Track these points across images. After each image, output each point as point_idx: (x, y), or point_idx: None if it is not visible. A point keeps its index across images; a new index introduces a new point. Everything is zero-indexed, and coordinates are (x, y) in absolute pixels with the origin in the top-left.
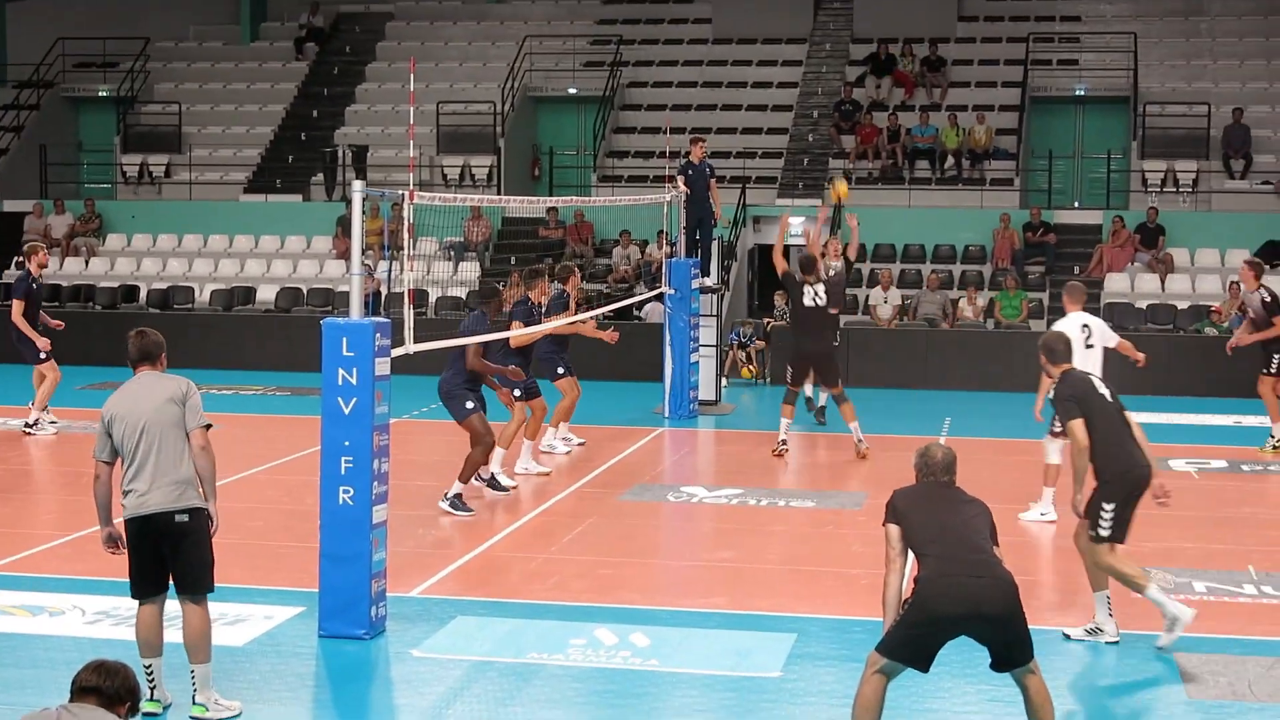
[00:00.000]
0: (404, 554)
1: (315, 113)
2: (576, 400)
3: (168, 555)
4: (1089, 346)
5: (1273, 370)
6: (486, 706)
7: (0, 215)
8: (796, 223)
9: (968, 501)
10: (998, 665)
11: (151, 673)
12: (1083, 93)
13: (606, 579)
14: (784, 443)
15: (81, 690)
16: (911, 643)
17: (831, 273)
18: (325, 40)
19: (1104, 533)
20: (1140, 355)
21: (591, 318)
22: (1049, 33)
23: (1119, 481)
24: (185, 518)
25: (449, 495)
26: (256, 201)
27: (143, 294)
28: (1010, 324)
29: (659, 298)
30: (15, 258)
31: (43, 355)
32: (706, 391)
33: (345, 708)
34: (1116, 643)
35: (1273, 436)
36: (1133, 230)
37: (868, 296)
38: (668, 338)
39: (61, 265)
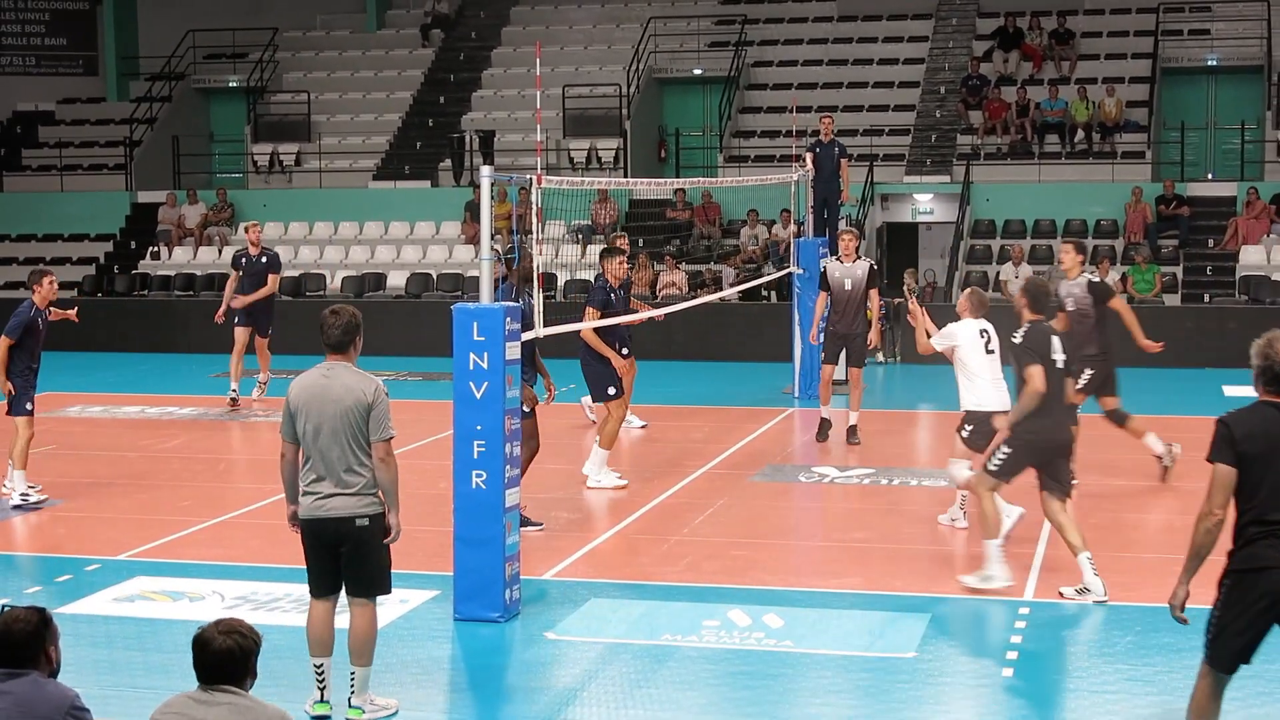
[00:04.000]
0: (537, 537)
1: (442, 99)
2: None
3: (344, 557)
4: (989, 352)
5: None
6: (621, 689)
7: (135, 206)
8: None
9: None
10: None
11: (322, 672)
12: (1215, 63)
13: (739, 560)
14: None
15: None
16: (1233, 648)
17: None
18: (450, 26)
19: (993, 468)
20: None
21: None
22: (1179, 2)
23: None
24: (365, 522)
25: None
26: (385, 188)
27: None
28: (1143, 298)
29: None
30: (151, 245)
31: (28, 406)
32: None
33: (480, 690)
34: (1104, 601)
35: None
36: (1268, 202)
37: (999, 272)
38: (797, 318)
39: (195, 254)
